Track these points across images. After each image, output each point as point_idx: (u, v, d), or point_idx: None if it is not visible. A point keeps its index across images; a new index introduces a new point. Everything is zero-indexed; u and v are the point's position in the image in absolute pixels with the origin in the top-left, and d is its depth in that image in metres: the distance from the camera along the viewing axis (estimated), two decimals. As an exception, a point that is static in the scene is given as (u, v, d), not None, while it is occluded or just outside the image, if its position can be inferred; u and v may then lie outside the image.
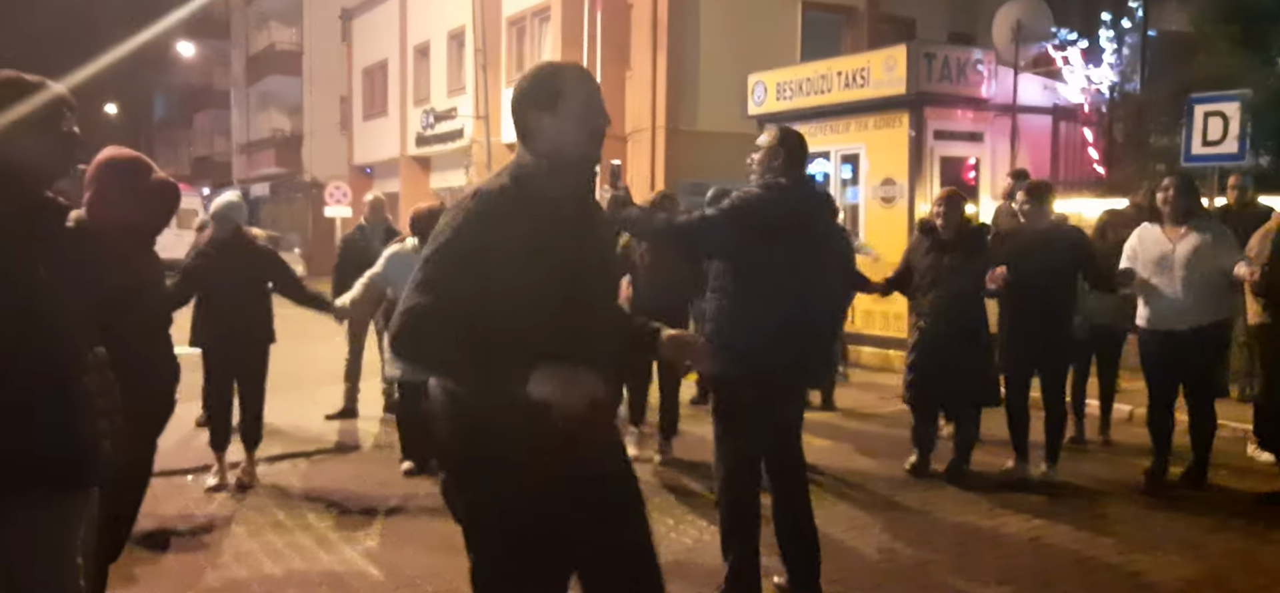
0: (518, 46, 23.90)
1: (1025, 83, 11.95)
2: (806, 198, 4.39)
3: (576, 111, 2.58)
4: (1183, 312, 5.99)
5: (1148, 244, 6.19)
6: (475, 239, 2.43)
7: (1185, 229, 6.03)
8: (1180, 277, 5.98)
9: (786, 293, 4.16)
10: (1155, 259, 6.09)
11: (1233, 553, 5.15)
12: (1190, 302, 5.96)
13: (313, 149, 36.14)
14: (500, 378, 2.38)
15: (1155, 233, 6.17)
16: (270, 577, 4.78)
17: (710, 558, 4.62)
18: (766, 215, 4.21)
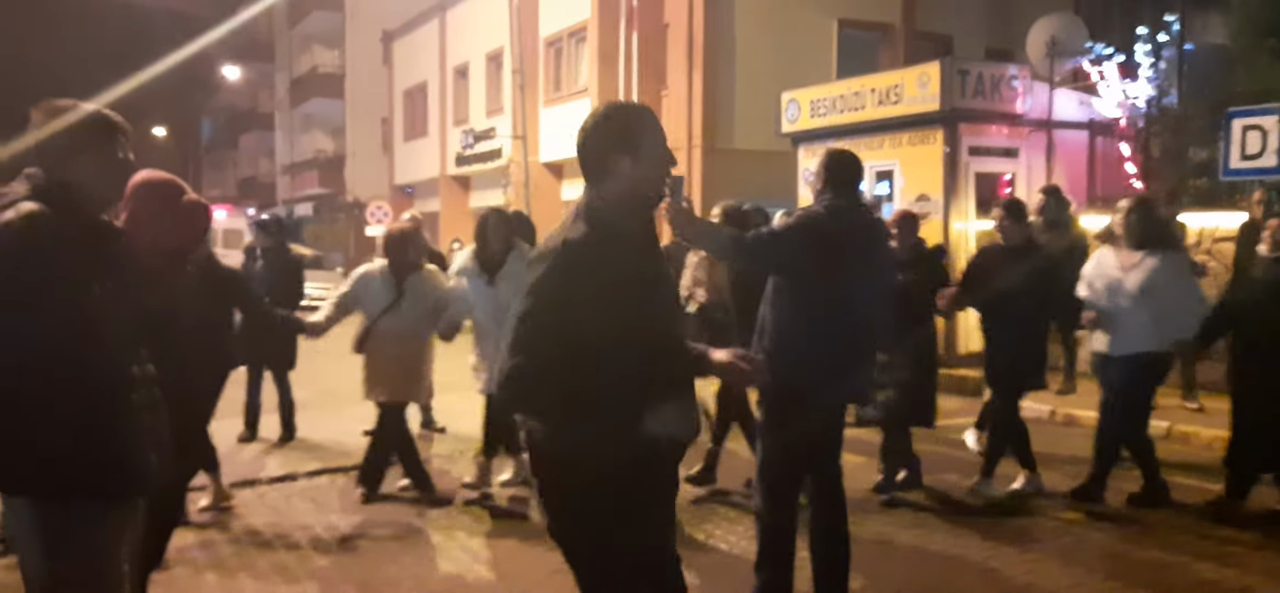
0: (555, 67, 24.15)
1: (1061, 98, 11.90)
2: (858, 219, 4.46)
3: (654, 155, 2.76)
4: (1127, 338, 5.95)
5: (1103, 269, 6.14)
6: (564, 292, 2.59)
7: (1141, 255, 5.96)
8: (1133, 302, 5.92)
9: (836, 310, 4.23)
10: (1109, 284, 6.05)
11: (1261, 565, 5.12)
12: (1136, 329, 5.91)
13: (355, 169, 36.69)
14: (609, 420, 2.59)
15: (1110, 258, 6.12)
16: (304, 585, 4.90)
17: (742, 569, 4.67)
18: (824, 235, 4.28)
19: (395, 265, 6.27)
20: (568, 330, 2.56)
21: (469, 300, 6.36)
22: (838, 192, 4.38)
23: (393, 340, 6.22)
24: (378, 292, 6.24)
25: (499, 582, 4.98)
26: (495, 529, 5.86)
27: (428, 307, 6.31)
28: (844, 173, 4.40)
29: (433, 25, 29.46)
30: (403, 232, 6.43)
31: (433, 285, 6.38)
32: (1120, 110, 12.09)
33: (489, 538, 5.71)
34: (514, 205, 22.64)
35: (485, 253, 6.37)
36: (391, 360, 6.26)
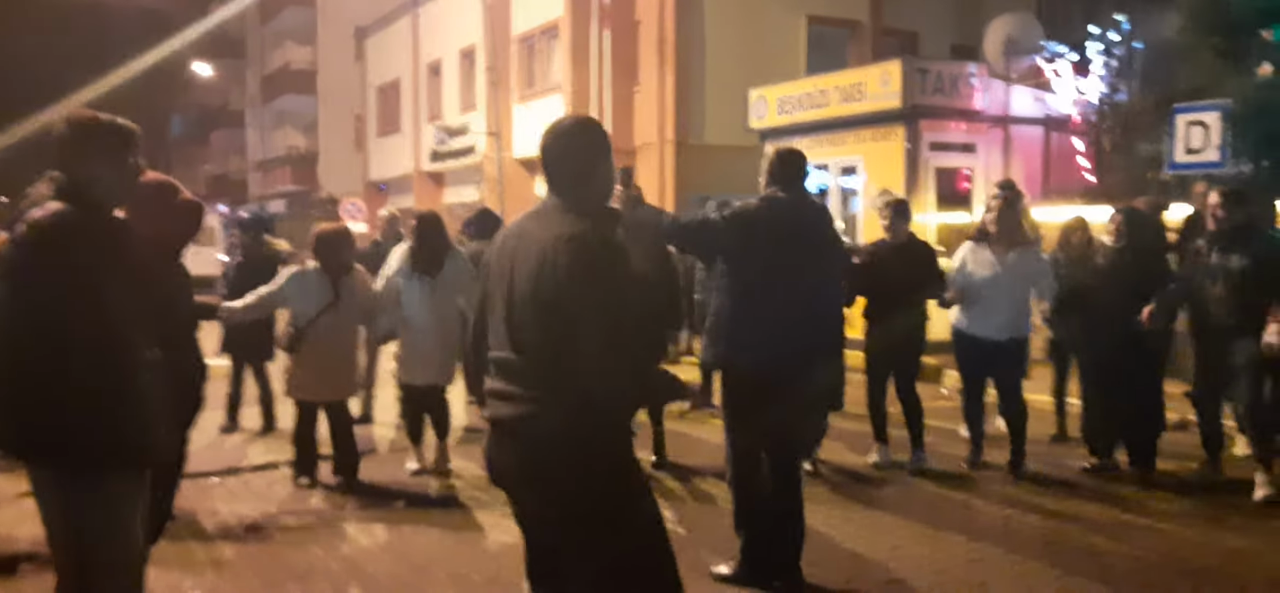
0: (528, 63, 24.37)
1: (1017, 95, 12.31)
2: (797, 211, 4.78)
3: (612, 161, 3.10)
4: (1003, 323, 6.64)
5: (979, 261, 6.77)
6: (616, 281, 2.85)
7: (1011, 251, 6.64)
8: (1004, 292, 6.60)
9: (774, 297, 4.60)
10: (982, 277, 6.68)
11: (1184, 536, 5.50)
12: (1010, 315, 6.63)
13: (328, 166, 36.71)
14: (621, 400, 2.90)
15: (985, 251, 6.74)
16: (291, 562, 5.18)
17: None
18: (756, 224, 4.67)
19: (330, 266, 6.42)
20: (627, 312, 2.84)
21: (404, 301, 6.70)
22: (782, 186, 4.75)
23: (332, 340, 6.40)
24: (314, 292, 6.38)
25: (408, 566, 5.27)
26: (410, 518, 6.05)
27: (360, 307, 6.58)
28: (786, 169, 4.79)
29: (405, 22, 29.58)
30: (337, 232, 6.62)
31: (364, 287, 6.65)
32: (1074, 107, 12.51)
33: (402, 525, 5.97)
34: (488, 201, 22.87)
35: (424, 254, 6.69)
36: (331, 359, 6.44)
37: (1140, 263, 6.52)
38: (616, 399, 2.83)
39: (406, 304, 6.76)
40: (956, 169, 12.19)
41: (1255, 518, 5.80)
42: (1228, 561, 5.15)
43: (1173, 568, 5.03)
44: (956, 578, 4.91)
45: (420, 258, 6.74)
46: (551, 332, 2.78)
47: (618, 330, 2.76)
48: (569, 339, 2.74)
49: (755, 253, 4.66)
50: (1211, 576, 4.94)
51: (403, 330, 6.82)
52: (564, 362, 2.75)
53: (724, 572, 4.78)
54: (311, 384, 6.48)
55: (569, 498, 2.82)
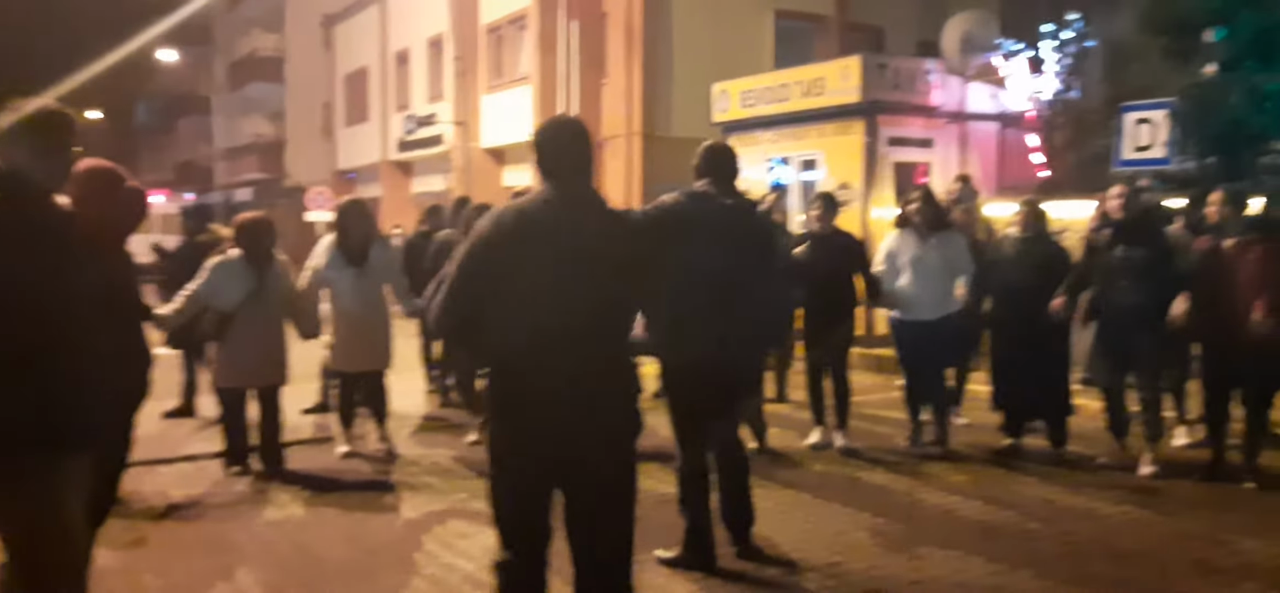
0: (496, 54, 24.36)
1: (973, 91, 12.51)
2: (724, 206, 4.86)
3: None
4: (932, 305, 7.03)
5: (904, 249, 7.13)
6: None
7: (934, 237, 7.05)
8: (931, 276, 6.97)
9: (705, 290, 4.69)
10: (910, 261, 7.04)
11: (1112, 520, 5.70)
12: (938, 296, 7.01)
13: (295, 154, 36.48)
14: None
15: (910, 239, 7.13)
16: (245, 549, 5.25)
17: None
18: (681, 220, 4.74)
19: (253, 255, 6.48)
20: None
21: (334, 291, 6.81)
22: (712, 181, 4.86)
23: (258, 327, 6.47)
24: (238, 281, 6.43)
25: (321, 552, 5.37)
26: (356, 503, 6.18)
27: (284, 295, 6.65)
28: (715, 164, 4.91)
29: (373, 10, 29.45)
30: (257, 220, 6.69)
31: (284, 277, 6.72)
32: (1028, 103, 12.73)
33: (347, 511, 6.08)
34: (455, 191, 22.85)
35: (350, 244, 6.80)
36: (258, 346, 6.49)
37: (1044, 253, 6.93)
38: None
39: (336, 294, 6.86)
40: (914, 164, 12.39)
41: (1182, 505, 6.01)
42: (1154, 544, 5.34)
43: (1100, 552, 5.22)
44: (894, 562, 5.06)
45: (346, 247, 6.83)
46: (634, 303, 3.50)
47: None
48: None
49: (677, 246, 4.66)
50: (1136, 558, 5.12)
51: (334, 320, 6.90)
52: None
53: (668, 557, 4.90)
54: (238, 372, 6.53)
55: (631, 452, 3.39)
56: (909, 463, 7.01)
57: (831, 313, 7.24)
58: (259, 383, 6.62)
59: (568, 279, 3.11)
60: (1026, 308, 6.77)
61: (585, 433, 3.16)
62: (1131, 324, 6.49)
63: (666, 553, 4.92)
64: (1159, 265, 6.43)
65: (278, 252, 6.75)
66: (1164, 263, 6.46)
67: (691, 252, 4.66)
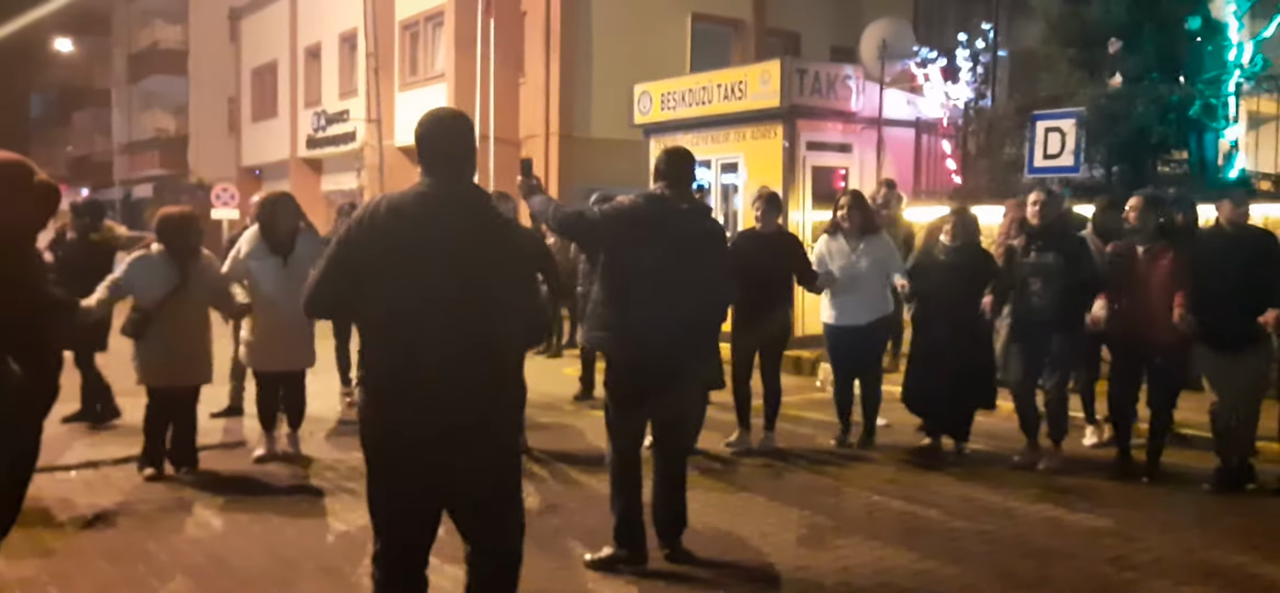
0: (411, 51, 23.97)
1: (890, 98, 12.71)
2: (679, 208, 4.90)
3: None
4: (863, 309, 7.19)
5: (835, 254, 7.30)
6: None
7: (863, 243, 7.17)
8: (862, 281, 7.14)
9: (654, 290, 4.73)
10: (841, 267, 7.20)
11: (1034, 518, 5.83)
12: (870, 302, 7.18)
13: (199, 150, 35.40)
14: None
15: (840, 244, 7.27)
16: (157, 560, 5.02)
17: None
18: (636, 219, 4.81)
19: (176, 250, 6.29)
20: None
21: (256, 283, 6.61)
22: (668, 183, 4.91)
23: (181, 324, 6.26)
24: (160, 276, 6.23)
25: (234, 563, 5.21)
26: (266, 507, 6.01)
27: (210, 291, 6.45)
28: (672, 167, 4.94)
29: (283, 4, 28.71)
30: (182, 215, 6.50)
31: (213, 270, 6.54)
32: (943, 110, 13.01)
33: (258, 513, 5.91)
34: (368, 190, 22.43)
35: (275, 235, 6.64)
36: (182, 344, 6.29)
37: (973, 258, 7.07)
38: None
39: (258, 286, 6.63)
40: (832, 168, 12.53)
41: (1101, 502, 6.17)
42: (1073, 541, 5.47)
43: (1020, 549, 5.32)
44: (820, 560, 5.08)
45: (270, 238, 6.66)
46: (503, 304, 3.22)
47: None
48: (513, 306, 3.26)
49: (635, 247, 4.78)
50: (1056, 555, 5.23)
51: (255, 314, 6.66)
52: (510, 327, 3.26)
53: (600, 557, 4.89)
54: (162, 370, 6.31)
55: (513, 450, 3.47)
56: (833, 463, 7.08)
57: (767, 311, 7.16)
58: (182, 382, 6.40)
59: (432, 275, 3.08)
60: (954, 312, 6.87)
61: (457, 428, 3.10)
62: (1043, 326, 6.68)
63: (594, 555, 4.90)
64: (1070, 269, 6.61)
65: (203, 248, 6.53)
66: (1075, 267, 6.64)
67: (646, 252, 4.72)
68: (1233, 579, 4.94)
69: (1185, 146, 10.65)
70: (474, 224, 3.21)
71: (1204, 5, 10.58)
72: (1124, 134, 10.32)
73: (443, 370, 3.07)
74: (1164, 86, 10.30)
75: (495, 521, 3.30)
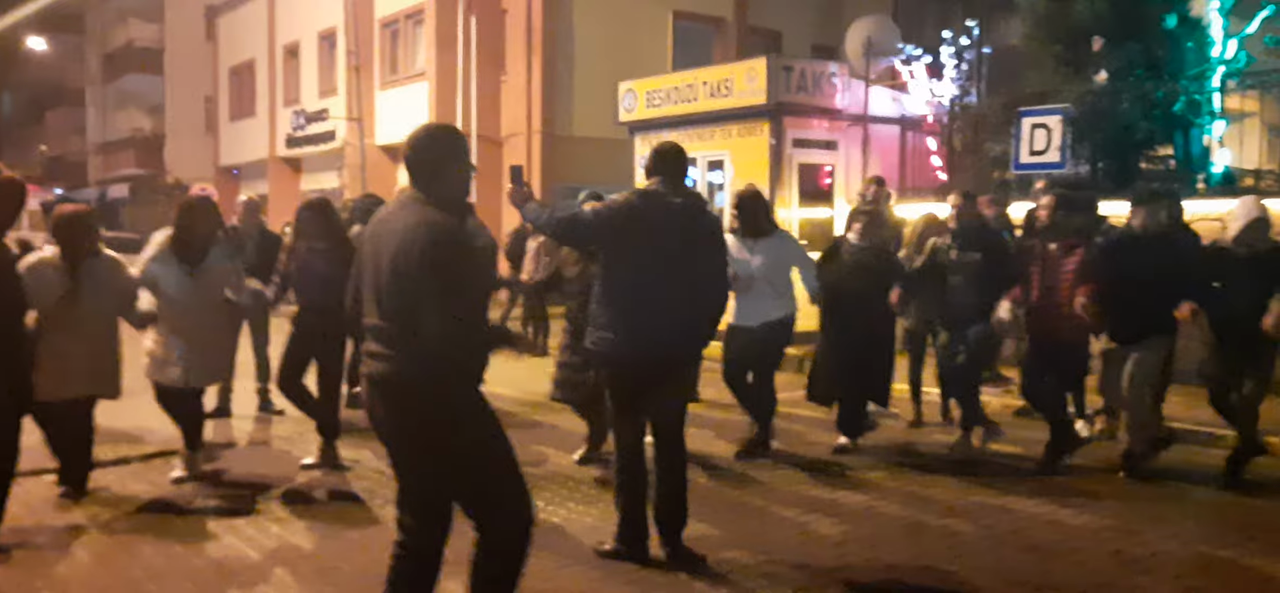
0: (391, 49, 23.84)
1: (875, 95, 12.75)
2: (674, 204, 4.84)
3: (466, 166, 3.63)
4: (753, 311, 6.98)
5: (733, 254, 7.00)
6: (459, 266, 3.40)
7: (757, 244, 6.97)
8: (754, 283, 6.92)
9: (640, 288, 4.74)
10: (738, 268, 6.91)
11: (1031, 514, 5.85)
12: (760, 304, 6.94)
13: (175, 150, 35.10)
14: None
15: (734, 243, 7.04)
16: (153, 564, 4.95)
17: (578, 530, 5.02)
18: (631, 217, 4.79)
19: (69, 252, 5.77)
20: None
21: (162, 291, 6.09)
22: (662, 179, 4.87)
23: (77, 334, 5.76)
24: (50, 282, 5.72)
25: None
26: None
27: (110, 295, 5.93)
28: (665, 163, 4.90)
29: (261, 2, 28.50)
30: (76, 214, 5.95)
31: (115, 273, 6.01)
32: (928, 107, 13.06)
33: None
34: (349, 189, 22.26)
35: (190, 241, 6.14)
36: (74, 355, 5.79)
37: (878, 257, 7.22)
38: (458, 355, 3.37)
39: (164, 295, 6.10)
40: (819, 165, 12.55)
41: (1093, 499, 6.19)
42: (1069, 536, 5.48)
43: (1020, 545, 5.33)
44: (822, 559, 5.07)
45: (180, 244, 6.13)
46: (407, 301, 3.33)
47: (459, 302, 3.33)
48: (419, 308, 3.30)
49: (631, 245, 4.76)
50: (1055, 551, 5.25)
51: (159, 324, 6.14)
52: (417, 326, 3.30)
53: (606, 548, 4.96)
54: (57, 382, 5.73)
55: (423, 436, 3.44)
56: (828, 463, 7.05)
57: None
58: (82, 393, 5.91)
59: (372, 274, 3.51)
60: (859, 309, 7.00)
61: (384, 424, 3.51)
62: (966, 322, 6.96)
63: (599, 547, 5.00)
64: (991, 267, 6.86)
65: (104, 249, 6.01)
66: (996, 265, 6.88)
67: (643, 250, 4.71)
68: (1230, 572, 4.97)
69: (1170, 143, 10.73)
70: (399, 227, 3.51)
71: (1183, 3, 10.68)
72: (1109, 130, 10.39)
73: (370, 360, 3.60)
74: (1149, 83, 10.37)
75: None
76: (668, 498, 4.90)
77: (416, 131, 3.60)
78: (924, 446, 7.50)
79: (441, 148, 3.55)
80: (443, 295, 3.28)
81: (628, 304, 4.76)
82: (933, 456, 7.20)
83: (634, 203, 4.86)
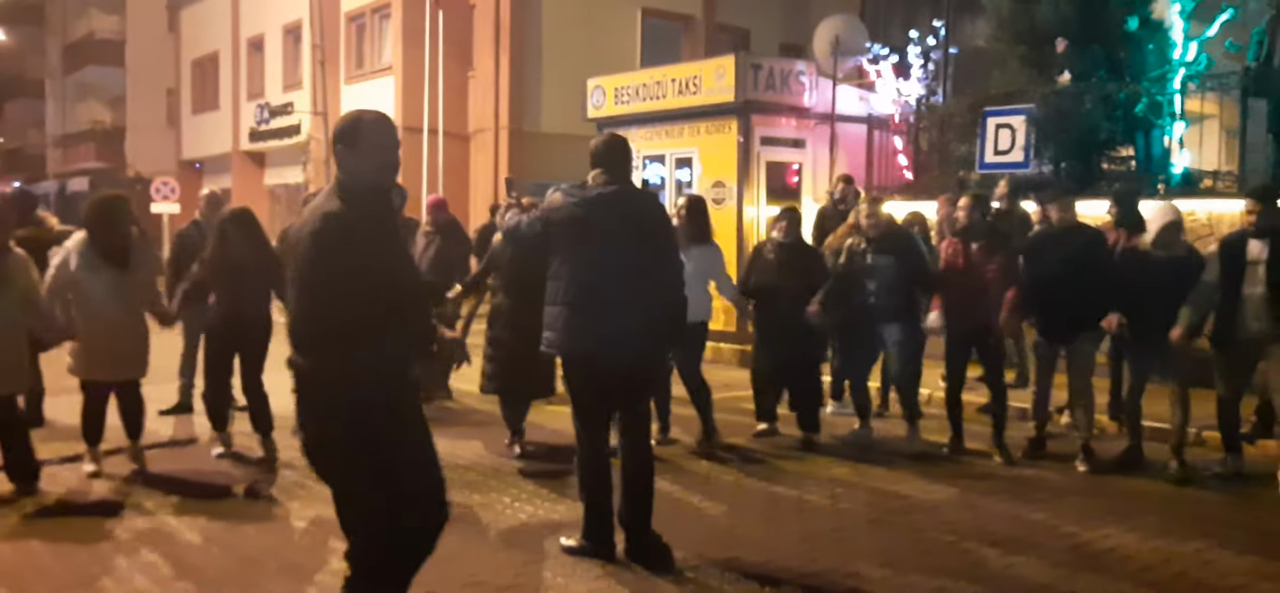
0: (357, 43, 23.64)
1: (843, 94, 12.80)
2: (602, 197, 4.74)
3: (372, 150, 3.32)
4: (695, 310, 6.95)
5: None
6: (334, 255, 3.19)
7: (692, 246, 7.07)
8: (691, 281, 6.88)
9: (588, 286, 4.69)
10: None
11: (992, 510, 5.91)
12: (700, 300, 7.09)
13: (136, 143, 34.58)
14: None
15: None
16: (111, 560, 4.87)
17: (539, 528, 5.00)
18: (559, 220, 4.76)
19: None
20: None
21: (85, 293, 6.05)
22: (604, 171, 4.80)
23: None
24: None
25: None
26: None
27: (16, 294, 5.82)
28: (608, 155, 4.84)
29: (224, -6, 28.17)
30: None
31: (22, 272, 5.90)
32: (894, 107, 13.14)
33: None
34: (314, 183, 22.04)
35: (108, 239, 6.12)
36: None
37: (802, 256, 7.51)
38: (345, 350, 3.16)
39: (86, 296, 6.07)
40: (786, 163, 12.59)
41: (1051, 494, 6.28)
42: (1030, 531, 5.54)
43: (983, 539, 5.38)
44: (786, 555, 5.08)
45: (98, 245, 6.09)
46: (295, 293, 3.23)
47: (342, 294, 3.12)
48: (300, 300, 3.21)
49: (573, 244, 4.74)
50: (1018, 544, 5.30)
51: (82, 324, 6.08)
52: (304, 319, 3.21)
53: (571, 544, 4.95)
54: None
55: (329, 438, 3.27)
56: (793, 459, 7.09)
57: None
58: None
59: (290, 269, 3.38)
60: (785, 307, 7.21)
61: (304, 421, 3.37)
62: (879, 322, 7.25)
63: (569, 541, 4.98)
64: (903, 269, 7.15)
65: (14, 247, 5.93)
66: (908, 267, 7.18)
67: (582, 244, 4.67)
68: (1188, 565, 5.04)
69: (1131, 144, 10.87)
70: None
71: (1145, 6, 10.83)
72: (1073, 131, 10.50)
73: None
74: (1112, 85, 10.50)
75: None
76: (633, 497, 4.84)
77: (342, 117, 3.44)
78: (889, 442, 7.55)
79: (347, 130, 3.31)
80: (321, 287, 3.15)
81: (572, 304, 4.70)
82: (896, 452, 7.25)
83: (565, 202, 4.78)
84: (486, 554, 4.98)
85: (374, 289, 3.17)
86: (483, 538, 5.24)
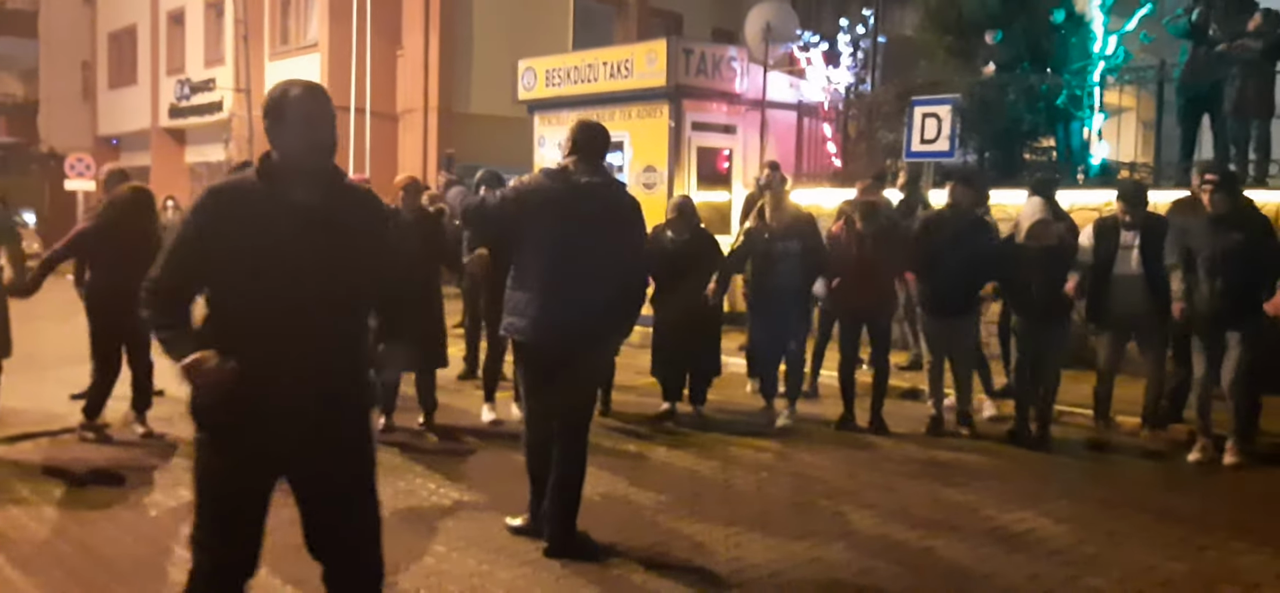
0: (282, 19, 23.10)
1: (773, 80, 12.86)
2: (577, 184, 4.70)
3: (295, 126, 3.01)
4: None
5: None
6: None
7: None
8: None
9: (551, 271, 4.63)
10: None
11: (912, 492, 6.00)
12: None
13: (50, 117, 33.33)
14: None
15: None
16: (19, 550, 4.69)
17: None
18: (528, 200, 4.69)
19: None
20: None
21: None
22: (577, 158, 4.73)
23: None
24: None
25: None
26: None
27: None
28: (582, 141, 4.75)
29: (143, -36, 27.27)
30: None
31: None
32: (824, 94, 13.25)
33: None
34: (237, 159, 21.47)
35: None
36: None
37: (699, 242, 7.76)
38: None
39: None
40: (717, 149, 12.61)
41: (972, 477, 6.40)
42: (950, 513, 5.64)
43: (904, 521, 5.46)
44: (712, 543, 5.09)
45: None
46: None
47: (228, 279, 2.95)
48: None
49: (540, 227, 4.66)
50: (937, 526, 5.39)
51: None
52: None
53: (517, 524, 5.00)
54: None
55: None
56: (717, 443, 7.13)
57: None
58: None
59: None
60: (683, 292, 7.53)
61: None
62: (787, 303, 7.66)
63: (514, 520, 5.02)
64: (808, 253, 7.59)
65: None
66: (812, 251, 7.61)
67: (553, 232, 4.61)
68: (1104, 545, 5.17)
69: (1053, 135, 11.11)
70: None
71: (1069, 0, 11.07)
72: (997, 121, 10.69)
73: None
74: (1034, 76, 10.71)
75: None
76: (561, 489, 4.75)
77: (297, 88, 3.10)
78: (811, 425, 7.64)
79: (274, 102, 3.03)
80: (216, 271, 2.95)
81: (536, 289, 4.65)
82: (819, 434, 7.33)
83: (541, 182, 4.75)
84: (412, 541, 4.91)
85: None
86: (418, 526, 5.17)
